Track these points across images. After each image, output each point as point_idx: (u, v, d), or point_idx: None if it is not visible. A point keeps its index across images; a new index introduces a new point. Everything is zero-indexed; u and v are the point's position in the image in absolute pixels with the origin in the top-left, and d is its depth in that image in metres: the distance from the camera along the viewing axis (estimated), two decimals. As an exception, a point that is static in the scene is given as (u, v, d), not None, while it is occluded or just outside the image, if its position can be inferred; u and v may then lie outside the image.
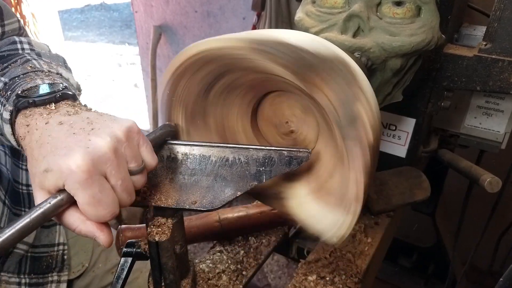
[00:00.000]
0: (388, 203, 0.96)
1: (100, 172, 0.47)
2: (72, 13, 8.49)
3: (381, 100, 0.86)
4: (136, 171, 0.51)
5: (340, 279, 0.83)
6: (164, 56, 2.92)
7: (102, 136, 0.49)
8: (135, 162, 0.51)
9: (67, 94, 0.59)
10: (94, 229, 0.49)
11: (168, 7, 2.73)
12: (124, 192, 0.50)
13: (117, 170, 0.49)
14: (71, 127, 0.50)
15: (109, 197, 0.48)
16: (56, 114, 0.54)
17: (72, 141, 0.48)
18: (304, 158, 0.58)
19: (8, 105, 0.59)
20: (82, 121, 0.52)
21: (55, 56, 0.77)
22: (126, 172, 0.50)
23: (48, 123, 0.52)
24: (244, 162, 0.59)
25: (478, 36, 1.04)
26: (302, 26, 0.82)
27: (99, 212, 0.48)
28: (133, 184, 0.52)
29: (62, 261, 0.97)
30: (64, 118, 0.52)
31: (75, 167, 0.46)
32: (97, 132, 0.49)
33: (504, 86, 0.87)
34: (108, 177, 0.49)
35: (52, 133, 0.50)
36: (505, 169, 1.30)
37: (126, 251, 0.65)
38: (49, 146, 0.49)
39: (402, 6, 0.75)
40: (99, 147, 0.48)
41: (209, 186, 0.59)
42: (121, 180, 0.49)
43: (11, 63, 0.68)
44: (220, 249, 0.93)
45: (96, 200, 0.47)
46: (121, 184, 0.49)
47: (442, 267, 1.66)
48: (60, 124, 0.51)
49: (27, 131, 0.54)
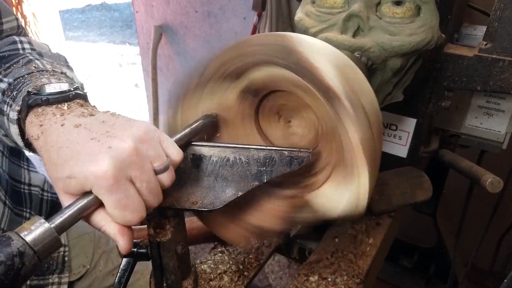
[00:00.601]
0: (389, 203, 0.96)
1: (125, 177, 0.47)
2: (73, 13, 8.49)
3: (381, 100, 0.86)
4: (161, 169, 0.51)
5: (341, 279, 0.83)
6: (164, 56, 2.92)
7: (124, 140, 0.48)
8: (159, 160, 0.51)
9: (79, 94, 0.58)
10: (116, 233, 0.49)
11: (169, 7, 2.73)
12: (150, 194, 0.50)
13: (141, 172, 0.48)
14: (90, 131, 0.50)
15: (135, 202, 0.48)
16: (70, 115, 0.53)
17: (93, 146, 0.48)
18: (305, 158, 0.58)
19: (15, 105, 0.59)
20: (99, 123, 0.51)
21: (56, 56, 0.76)
22: (151, 173, 0.50)
23: (64, 125, 0.51)
24: (245, 162, 0.59)
25: (478, 36, 1.04)
26: (302, 26, 0.82)
27: (126, 216, 0.48)
28: (160, 183, 0.51)
29: (62, 263, 0.97)
30: (80, 120, 0.52)
31: (101, 173, 0.45)
32: (118, 135, 0.49)
33: (505, 86, 0.87)
34: (134, 180, 0.48)
35: (70, 136, 0.49)
36: (506, 169, 1.30)
37: (127, 251, 0.65)
38: (68, 151, 0.48)
39: (402, 6, 0.75)
40: (122, 151, 0.47)
41: (210, 186, 0.59)
42: (146, 182, 0.49)
43: (13, 63, 0.67)
44: (221, 250, 0.93)
45: (122, 205, 0.47)
46: (147, 187, 0.49)
47: (443, 268, 1.65)
48: (77, 127, 0.51)
49: (40, 132, 0.53)
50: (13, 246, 0.40)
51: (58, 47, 3.49)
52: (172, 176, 0.53)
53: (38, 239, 0.42)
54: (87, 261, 1.03)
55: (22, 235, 0.42)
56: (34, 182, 0.96)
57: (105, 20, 8.23)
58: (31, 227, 0.43)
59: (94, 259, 1.04)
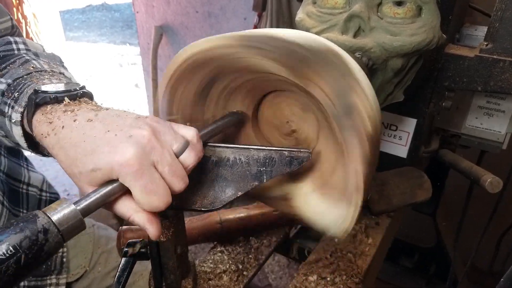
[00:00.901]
0: (389, 203, 0.96)
1: (149, 162, 0.48)
2: (74, 14, 8.50)
3: (382, 100, 0.85)
4: (181, 149, 0.52)
5: (340, 279, 0.83)
6: (165, 56, 2.92)
7: (141, 127, 0.50)
8: (177, 141, 0.52)
9: (86, 92, 0.59)
10: (145, 221, 0.50)
11: (169, 8, 2.73)
12: (174, 177, 0.50)
13: (162, 156, 0.49)
14: (105, 124, 0.50)
15: (161, 186, 0.49)
16: (81, 111, 0.54)
17: (112, 137, 0.48)
18: (305, 158, 0.58)
19: (18, 107, 0.59)
20: (112, 117, 0.52)
21: (51, 56, 0.76)
22: (172, 156, 0.51)
23: (77, 121, 0.52)
24: (245, 162, 0.59)
25: (479, 36, 1.04)
26: (303, 27, 0.82)
27: (153, 201, 0.49)
28: (184, 164, 0.52)
29: (61, 264, 0.97)
30: (92, 115, 0.52)
31: (126, 161, 0.47)
32: (134, 124, 0.50)
33: (505, 87, 0.87)
34: (156, 165, 0.49)
35: (85, 131, 0.50)
36: (506, 169, 1.30)
37: (126, 251, 0.65)
38: (87, 145, 0.49)
39: (403, 6, 0.75)
40: (142, 138, 0.48)
41: (210, 186, 0.59)
42: (168, 165, 0.50)
43: (10, 63, 0.67)
44: (221, 249, 0.93)
45: (149, 190, 0.48)
46: (169, 170, 0.50)
47: (443, 268, 1.65)
48: (90, 121, 0.51)
49: (51, 129, 0.53)
50: (39, 223, 0.42)
51: (58, 47, 3.49)
52: (194, 154, 0.53)
53: (63, 218, 0.44)
54: (86, 261, 1.02)
55: (49, 214, 0.44)
56: (33, 182, 0.95)
57: (106, 20, 8.24)
58: (58, 207, 0.45)
59: (93, 260, 1.04)
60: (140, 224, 0.50)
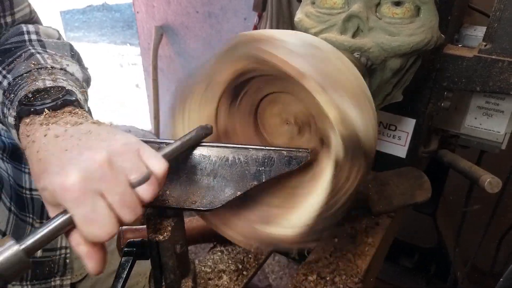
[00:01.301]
0: (389, 204, 0.96)
1: (94, 189, 0.45)
2: (74, 14, 8.50)
3: (381, 100, 0.86)
4: (138, 181, 0.47)
5: (340, 279, 0.83)
6: (165, 56, 2.92)
7: (96, 151, 0.46)
8: (136, 172, 0.47)
9: (68, 100, 0.57)
10: (84, 254, 0.47)
11: (170, 8, 2.73)
12: (124, 208, 0.46)
13: (113, 185, 0.45)
14: (67, 142, 0.48)
15: (104, 216, 0.45)
16: (54, 125, 0.52)
17: (66, 157, 0.46)
18: (304, 158, 0.58)
19: (12, 110, 0.59)
20: (80, 134, 0.49)
21: (60, 45, 0.75)
22: (125, 186, 0.47)
23: (47, 136, 0.50)
24: (244, 162, 0.59)
25: (478, 37, 1.04)
26: (302, 27, 0.83)
27: (94, 232, 0.45)
28: (139, 196, 0.48)
29: (64, 265, 0.96)
30: (61, 131, 0.50)
31: (67, 185, 0.44)
32: (93, 146, 0.47)
33: (504, 87, 0.87)
34: (105, 194, 0.45)
35: (48, 147, 0.49)
36: (505, 169, 1.30)
37: (126, 250, 0.65)
38: (45, 162, 0.47)
39: (401, 6, 0.76)
40: (92, 162, 0.45)
41: (209, 186, 0.59)
42: (118, 195, 0.46)
43: (16, 57, 0.67)
44: (220, 249, 0.93)
45: (89, 219, 0.44)
46: (120, 200, 0.46)
47: (443, 268, 1.65)
48: (57, 137, 0.49)
49: (27, 142, 0.52)
50: None
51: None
52: (153, 188, 0.49)
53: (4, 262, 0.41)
54: None
55: None
56: (35, 187, 0.95)
57: (106, 20, 8.24)
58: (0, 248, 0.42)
59: None
60: (81, 257, 0.47)
